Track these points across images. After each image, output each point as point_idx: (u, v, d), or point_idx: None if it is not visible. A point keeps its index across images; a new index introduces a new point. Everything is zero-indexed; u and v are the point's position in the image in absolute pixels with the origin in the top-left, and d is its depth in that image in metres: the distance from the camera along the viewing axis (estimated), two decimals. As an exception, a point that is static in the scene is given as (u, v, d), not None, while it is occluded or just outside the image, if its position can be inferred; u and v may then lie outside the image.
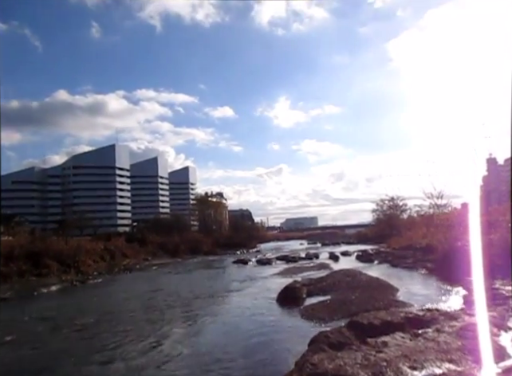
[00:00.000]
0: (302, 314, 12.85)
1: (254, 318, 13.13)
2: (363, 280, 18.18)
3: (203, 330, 12.35)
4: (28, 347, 11.33)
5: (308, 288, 16.85)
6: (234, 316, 13.84)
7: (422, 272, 21.95)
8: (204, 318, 14.07)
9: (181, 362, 9.03)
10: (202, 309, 15.69)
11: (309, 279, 20.05)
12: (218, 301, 17.38)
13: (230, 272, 31.04)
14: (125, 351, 10.22)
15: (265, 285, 20.88)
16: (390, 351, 6.93)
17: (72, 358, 9.96)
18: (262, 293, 18.05)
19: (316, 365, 6.59)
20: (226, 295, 18.74)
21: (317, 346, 8.21)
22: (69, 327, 13.62)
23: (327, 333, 8.80)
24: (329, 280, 18.68)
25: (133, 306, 17.48)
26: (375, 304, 12.81)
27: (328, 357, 6.99)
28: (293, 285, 16.83)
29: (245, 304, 15.88)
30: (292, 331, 11.01)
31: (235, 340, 10.58)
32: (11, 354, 10.74)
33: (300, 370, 6.71)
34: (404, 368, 6.10)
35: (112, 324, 13.96)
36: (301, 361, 7.27)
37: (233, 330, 11.79)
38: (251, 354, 9.24)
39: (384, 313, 10.03)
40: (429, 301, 13.36)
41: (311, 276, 21.98)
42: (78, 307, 18.22)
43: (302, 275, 23.11)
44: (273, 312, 13.87)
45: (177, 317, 14.48)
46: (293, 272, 25.58)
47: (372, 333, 8.37)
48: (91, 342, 11.50)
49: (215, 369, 8.36)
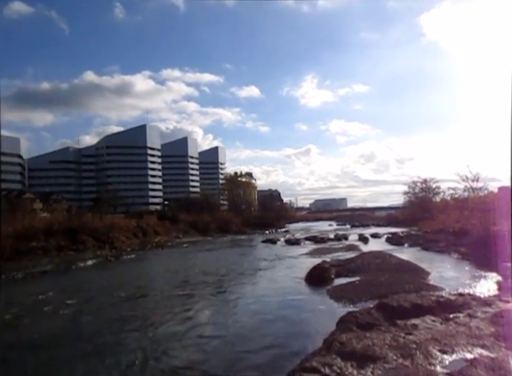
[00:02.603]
0: (330, 294, 12.91)
1: (282, 296, 13.32)
2: (392, 262, 17.96)
3: (232, 306, 12.68)
4: (66, 317, 12.04)
5: (336, 269, 16.85)
6: (263, 294, 14.09)
7: (454, 257, 21.41)
8: (233, 295, 14.42)
9: (210, 338, 9.34)
10: (231, 286, 16.06)
11: (337, 260, 20.04)
12: (247, 279, 17.69)
13: (259, 251, 31.41)
14: (157, 324, 10.68)
15: (293, 265, 21.03)
16: (420, 334, 6.89)
17: (108, 328, 10.52)
18: (291, 272, 18.22)
19: (344, 344, 6.65)
20: (254, 274, 19.04)
21: (346, 325, 8.26)
22: (105, 300, 14.32)
23: (355, 313, 8.83)
24: (358, 261, 18.58)
25: (165, 281, 18.09)
26: (405, 287, 12.66)
27: (357, 336, 7.03)
28: (322, 265, 16.86)
29: (273, 283, 16.12)
30: (320, 311, 11.10)
31: (264, 317, 10.80)
32: (50, 323, 11.45)
33: (328, 348, 6.79)
34: (434, 351, 6.06)
35: (145, 298, 14.58)
36: (330, 339, 7.36)
37: (261, 308, 12.02)
38: (279, 331, 9.42)
39: (415, 296, 9.93)
40: (461, 286, 13.07)
41: (340, 257, 21.95)
42: (113, 281, 19.05)
43: (331, 256, 23.09)
44: (302, 291, 14.01)
45: (207, 293, 14.88)
46: (321, 252, 25.59)
47: (402, 315, 8.33)
48: (125, 313, 12.06)
49: (243, 345, 8.59)
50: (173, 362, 7.81)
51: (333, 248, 28.67)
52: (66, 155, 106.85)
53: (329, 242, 34.37)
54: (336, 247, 29.14)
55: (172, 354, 8.28)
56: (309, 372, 5.83)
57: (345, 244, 31.74)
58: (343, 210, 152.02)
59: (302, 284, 15.20)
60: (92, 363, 8.03)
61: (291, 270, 19.08)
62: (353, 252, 23.82)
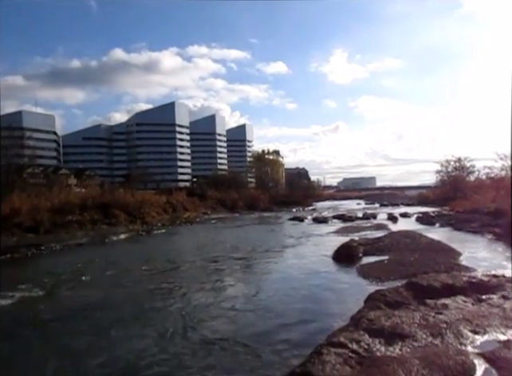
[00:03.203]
0: (358, 272, 12.87)
1: (309, 273, 13.41)
2: (422, 242, 17.63)
3: (261, 281, 12.90)
4: (102, 287, 12.62)
5: (364, 248, 16.72)
6: (291, 270, 14.24)
7: (488, 237, 20.76)
8: (261, 270, 14.67)
9: (240, 311, 9.56)
10: (259, 262, 16.30)
11: (365, 238, 19.86)
12: (274, 255, 17.87)
13: (286, 228, 31.56)
14: (188, 295, 11.05)
15: (320, 242, 21.04)
16: (450, 314, 6.80)
17: (142, 298, 10.99)
18: (318, 250, 18.25)
19: (372, 321, 6.66)
20: (282, 250, 19.21)
21: (373, 303, 8.24)
22: (139, 272, 14.90)
23: (384, 292, 8.78)
24: (387, 240, 18.35)
25: (195, 255, 18.56)
26: (435, 267, 12.43)
27: (385, 314, 7.01)
28: (350, 244, 16.78)
29: (300, 260, 16.21)
30: (347, 288, 11.12)
31: (291, 293, 10.94)
32: (88, 292, 12.05)
33: (355, 324, 6.82)
34: (465, 331, 5.97)
35: (177, 270, 15.05)
36: (357, 316, 7.38)
37: (289, 283, 12.17)
38: (307, 307, 9.53)
39: (445, 276, 9.73)
40: (495, 267, 12.68)
41: (368, 235, 21.74)
42: (145, 254, 19.73)
43: (359, 234, 22.91)
44: (329, 269, 14.04)
45: (236, 268, 15.18)
46: (349, 231, 25.43)
47: (432, 295, 8.21)
48: (158, 284, 12.52)
49: (272, 318, 8.76)
50: (206, 331, 8.09)
51: (361, 226, 28.40)
52: (98, 132, 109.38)
53: (357, 221, 34.05)
54: (365, 226, 28.84)
55: (205, 324, 8.58)
56: (336, 347, 5.87)
57: (374, 223, 31.36)
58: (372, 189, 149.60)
59: (330, 262, 15.22)
60: (128, 330, 8.45)
61: (318, 248, 19.10)
62: (382, 231, 23.52)
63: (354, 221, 33.47)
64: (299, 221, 36.43)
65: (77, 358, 7.16)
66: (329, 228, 28.70)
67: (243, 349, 7.07)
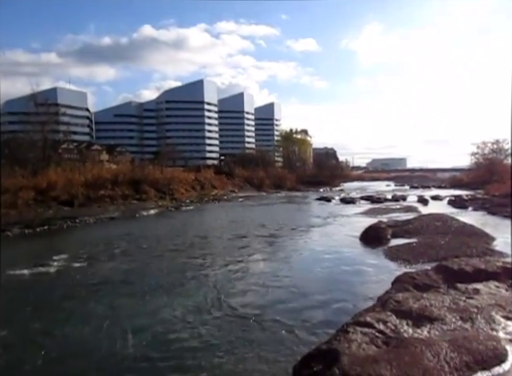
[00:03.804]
0: (386, 254, 12.74)
1: (336, 253, 13.39)
2: (454, 225, 17.15)
3: (287, 259, 13.00)
4: (134, 259, 13.12)
5: (393, 230, 16.46)
6: (317, 249, 14.26)
7: (525, 223, 19.97)
8: (288, 248, 14.76)
9: (267, 287, 9.70)
10: (286, 240, 16.41)
11: (394, 220, 19.53)
12: (301, 234, 17.91)
13: (313, 208, 31.45)
14: (217, 270, 11.29)
15: (348, 223, 20.89)
16: (482, 299, 6.64)
17: (172, 270, 11.35)
18: (345, 231, 18.13)
19: (400, 302, 6.61)
20: (308, 230, 19.21)
21: (401, 285, 8.17)
22: (167, 245, 15.34)
23: (412, 274, 8.67)
24: (417, 223, 17.97)
25: (222, 232, 18.86)
26: (466, 251, 12.13)
27: (413, 297, 6.94)
28: (378, 225, 16.56)
29: (327, 240, 16.19)
30: (374, 269, 11.04)
31: (317, 271, 11.00)
32: (121, 263, 12.56)
33: (383, 305, 6.79)
34: (497, 317, 5.83)
35: (205, 246, 15.40)
36: (384, 297, 7.34)
37: (315, 262, 12.23)
38: (333, 285, 9.57)
39: (477, 260, 9.48)
40: (531, 253, 12.26)
41: (397, 217, 21.36)
42: (174, 229, 20.23)
43: (387, 216, 22.55)
44: (356, 250, 13.97)
45: (263, 245, 15.35)
46: (377, 212, 25.06)
47: (462, 279, 8.03)
48: (187, 258, 12.89)
49: (299, 295, 8.87)
50: (236, 305, 8.30)
51: (390, 208, 27.91)
52: (129, 109, 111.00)
53: (386, 202, 33.45)
54: (393, 208, 28.31)
55: (234, 298, 8.81)
56: (362, 326, 5.88)
57: (403, 205, 30.72)
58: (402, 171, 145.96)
59: (357, 243, 15.11)
60: (163, 299, 8.80)
61: (345, 228, 18.97)
62: (411, 214, 23.05)
63: (383, 203, 32.89)
64: (326, 201, 36.17)
65: (119, 320, 7.62)
66: (357, 209, 28.37)
67: (271, 324, 7.23)
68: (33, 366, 5.89)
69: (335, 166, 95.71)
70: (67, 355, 6.38)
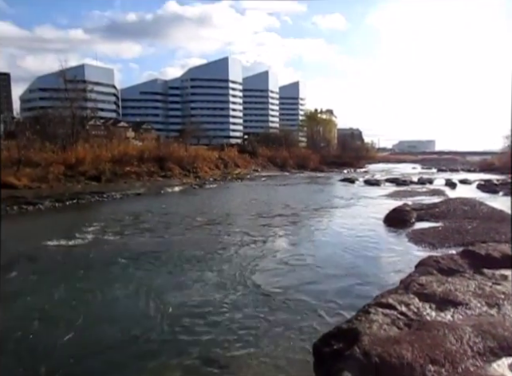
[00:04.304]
0: (410, 237, 12.57)
1: (358, 234, 13.32)
2: (483, 210, 16.68)
3: (309, 239, 13.04)
4: (159, 234, 13.46)
5: (418, 213, 16.17)
6: (340, 230, 14.23)
7: (559, 210, 19.20)
8: (310, 228, 14.78)
9: (289, 266, 9.80)
10: (308, 220, 16.42)
11: (420, 203, 19.16)
12: (323, 215, 17.87)
13: (336, 189, 31.19)
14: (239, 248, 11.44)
15: (371, 205, 20.65)
16: (510, 285, 6.50)
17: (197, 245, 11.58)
18: (368, 212, 17.96)
19: (423, 285, 6.55)
20: (331, 211, 19.12)
21: (425, 269, 8.07)
22: (192, 222, 15.63)
23: (437, 258, 8.54)
24: (443, 206, 17.57)
25: (244, 210, 19.02)
26: (494, 237, 11.80)
27: (438, 280, 6.86)
28: (403, 208, 16.30)
29: (350, 221, 16.09)
30: (397, 252, 10.94)
31: (339, 253, 10.99)
32: (146, 238, 12.91)
33: (405, 287, 6.75)
34: (525, 304, 5.71)
35: (229, 223, 15.61)
36: (407, 280, 7.28)
37: (338, 243, 12.21)
38: (355, 267, 9.56)
39: (506, 246, 9.24)
40: None
41: (422, 201, 20.94)
42: (198, 206, 20.53)
43: (413, 199, 22.12)
44: (379, 231, 13.85)
45: (285, 224, 15.40)
46: (402, 195, 24.62)
47: (490, 265, 7.86)
48: (211, 234, 13.13)
49: (320, 276, 8.91)
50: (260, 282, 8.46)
51: (416, 191, 27.35)
52: (154, 87, 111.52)
53: (412, 185, 32.76)
54: (419, 191, 27.73)
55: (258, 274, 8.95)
56: (384, 307, 5.88)
57: (429, 188, 30.02)
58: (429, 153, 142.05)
59: (380, 225, 14.97)
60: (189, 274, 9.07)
61: (369, 210, 18.78)
62: (438, 197, 22.53)
63: (408, 186, 32.24)
64: (350, 183, 35.76)
65: (147, 290, 7.99)
66: (381, 191, 27.95)
67: (293, 302, 7.34)
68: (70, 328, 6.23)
69: (360, 147, 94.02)
70: (100, 320, 6.75)
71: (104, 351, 5.71)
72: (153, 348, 5.76)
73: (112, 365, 5.36)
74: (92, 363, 5.40)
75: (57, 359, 5.45)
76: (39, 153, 26.55)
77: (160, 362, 5.40)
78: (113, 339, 6.06)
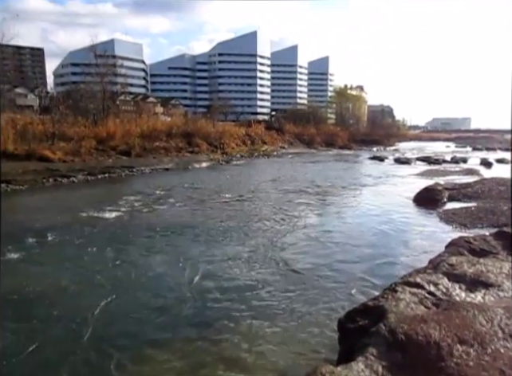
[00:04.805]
0: (441, 217, 12.27)
1: (387, 213, 13.11)
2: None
3: (336, 216, 12.94)
4: (187, 208, 13.74)
5: (450, 192, 15.70)
6: (367, 208, 14.05)
7: None
8: (337, 206, 14.65)
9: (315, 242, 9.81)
10: (335, 198, 16.27)
11: (452, 183, 18.56)
12: (351, 193, 17.64)
13: (365, 167, 30.61)
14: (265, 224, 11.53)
15: (401, 184, 20.20)
16: (546, 268, 6.27)
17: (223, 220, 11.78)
18: (398, 191, 17.59)
19: (453, 266, 6.41)
20: (359, 189, 18.85)
21: (456, 249, 7.88)
22: (218, 197, 15.83)
23: (469, 238, 8.31)
24: (477, 186, 16.95)
25: (272, 187, 19.04)
26: (532, 219, 11.35)
27: (469, 261, 6.69)
28: (434, 187, 15.85)
29: (379, 199, 15.83)
30: (427, 231, 10.73)
31: (367, 231, 10.88)
32: (174, 211, 13.23)
33: (434, 267, 6.63)
34: None
35: (254, 200, 15.68)
36: (437, 260, 7.15)
37: (365, 220, 12.10)
38: (383, 244, 9.47)
39: (544, 229, 8.87)
40: None
41: (455, 180, 20.27)
42: (225, 182, 20.69)
43: (445, 178, 21.46)
44: (408, 211, 13.56)
45: (312, 202, 15.33)
46: (434, 174, 23.91)
47: (525, 247, 7.61)
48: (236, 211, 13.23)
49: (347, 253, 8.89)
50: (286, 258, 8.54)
51: (448, 170, 26.48)
52: (182, 62, 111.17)
53: (444, 164, 31.71)
54: (452, 170, 26.83)
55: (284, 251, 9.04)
56: (411, 286, 5.81)
57: (463, 167, 28.97)
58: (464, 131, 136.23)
59: (410, 204, 14.65)
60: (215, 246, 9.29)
61: (398, 189, 18.39)
62: (472, 177, 21.74)
63: (440, 165, 31.24)
64: (379, 161, 34.99)
65: (178, 259, 8.34)
66: (412, 170, 27.23)
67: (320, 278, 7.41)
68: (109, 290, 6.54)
69: (390, 124, 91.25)
70: (137, 284, 7.14)
71: (140, 312, 6.05)
72: (184, 316, 6.00)
73: (147, 326, 5.67)
74: (128, 324, 5.77)
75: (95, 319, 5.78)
76: (72, 127, 27.25)
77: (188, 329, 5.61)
78: (148, 304, 6.37)
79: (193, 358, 4.93)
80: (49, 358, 4.94)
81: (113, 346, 5.18)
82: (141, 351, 5.08)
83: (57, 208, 13.80)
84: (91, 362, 4.89)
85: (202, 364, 4.82)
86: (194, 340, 5.33)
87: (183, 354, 5.01)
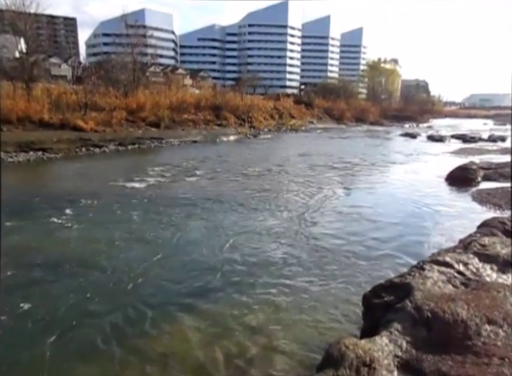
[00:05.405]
0: (474, 196, 11.88)
1: (417, 191, 12.80)
2: (562, 172, 15.21)
3: (365, 193, 12.76)
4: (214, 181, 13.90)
5: (485, 172, 15.11)
6: (397, 186, 13.76)
7: None
8: (366, 183, 14.40)
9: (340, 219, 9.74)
10: (364, 175, 15.98)
11: (488, 162, 17.83)
12: (380, 170, 17.28)
13: (396, 144, 29.79)
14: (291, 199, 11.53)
15: (433, 162, 19.60)
16: None
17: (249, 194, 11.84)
18: (429, 169, 17.10)
19: (485, 246, 6.25)
20: (389, 166, 18.42)
21: (489, 229, 7.65)
22: (245, 171, 15.88)
23: (503, 219, 8.04)
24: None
25: (299, 162, 18.88)
26: None
27: (502, 242, 6.50)
28: (468, 166, 15.28)
29: (408, 178, 15.45)
30: (458, 211, 10.44)
31: (396, 208, 10.69)
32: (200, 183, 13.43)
33: (465, 247, 6.48)
34: None
35: (282, 174, 15.66)
36: (468, 240, 6.98)
37: (395, 199, 11.86)
38: (411, 224, 9.27)
39: None
40: None
41: (492, 159, 19.46)
42: (252, 155, 20.68)
43: (480, 157, 20.64)
44: (440, 190, 13.19)
45: (340, 178, 15.14)
46: (469, 152, 23.03)
47: None
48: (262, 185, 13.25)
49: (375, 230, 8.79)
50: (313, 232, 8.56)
51: (485, 149, 25.42)
52: (212, 33, 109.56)
53: (481, 143, 30.42)
54: (489, 148, 25.73)
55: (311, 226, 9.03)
56: (440, 265, 5.73)
57: (501, 146, 27.71)
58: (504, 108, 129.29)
59: (442, 183, 14.23)
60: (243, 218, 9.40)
61: (430, 167, 17.87)
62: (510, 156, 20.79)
63: (477, 143, 30.01)
64: (411, 138, 33.97)
65: (207, 229, 8.58)
66: (445, 147, 26.30)
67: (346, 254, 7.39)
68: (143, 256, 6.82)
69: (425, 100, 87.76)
70: (170, 250, 7.42)
71: (174, 275, 6.31)
72: (214, 282, 6.21)
73: (180, 288, 5.94)
74: (163, 285, 6.08)
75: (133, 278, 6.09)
76: (103, 98, 27.67)
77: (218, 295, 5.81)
78: (183, 268, 6.67)
79: (220, 324, 5.10)
80: (94, 311, 5.33)
81: (148, 304, 5.51)
82: (172, 312, 5.33)
83: (92, 177, 14.31)
84: (129, 316, 5.22)
85: (228, 330, 4.98)
86: (222, 306, 5.50)
87: (212, 319, 5.20)
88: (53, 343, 4.63)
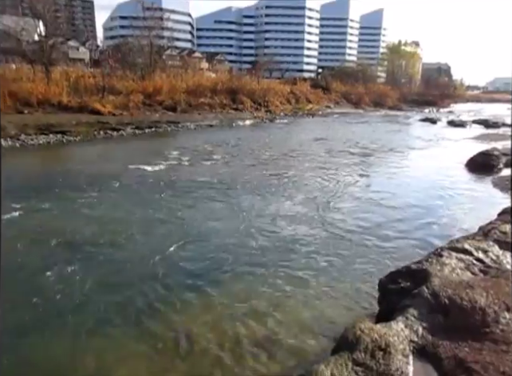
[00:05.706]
0: (495, 183, 11.63)
1: (436, 178, 12.58)
2: None
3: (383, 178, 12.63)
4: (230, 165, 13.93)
5: (507, 158, 14.72)
6: (415, 172, 13.55)
7: None
8: (383, 168, 14.22)
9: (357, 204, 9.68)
10: (381, 160, 15.76)
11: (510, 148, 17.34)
12: (399, 155, 16.99)
13: (415, 129, 29.18)
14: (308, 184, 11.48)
15: (453, 148, 19.19)
16: None
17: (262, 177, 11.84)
18: (449, 155, 16.75)
19: (506, 233, 6.13)
20: (407, 152, 18.10)
21: (509, 217, 7.50)
22: (261, 155, 15.85)
23: (526, 207, 7.86)
24: (540, 153, 15.75)
25: (315, 147, 18.71)
26: None
27: (524, 230, 6.37)
28: (490, 152, 14.89)
29: (427, 163, 15.19)
30: (478, 198, 10.25)
31: (415, 195, 10.54)
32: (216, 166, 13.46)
33: (485, 234, 6.37)
34: None
35: (299, 159, 15.57)
36: (488, 227, 6.85)
37: (413, 184, 11.71)
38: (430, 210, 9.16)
39: None
40: None
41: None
42: (268, 140, 20.59)
43: (503, 143, 20.03)
44: (460, 176, 12.94)
45: (357, 163, 14.96)
46: (491, 138, 22.41)
47: None
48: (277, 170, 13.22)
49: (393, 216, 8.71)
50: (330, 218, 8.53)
51: (508, 135, 24.67)
52: (229, 15, 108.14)
53: (504, 128, 29.50)
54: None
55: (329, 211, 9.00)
56: (458, 252, 5.66)
57: (525, 132, 26.88)
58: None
59: (462, 169, 13.95)
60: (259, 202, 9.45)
61: (450, 153, 17.51)
62: (534, 143, 20.18)
63: (499, 128, 29.13)
64: (431, 123, 33.19)
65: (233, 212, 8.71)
66: (466, 133, 25.65)
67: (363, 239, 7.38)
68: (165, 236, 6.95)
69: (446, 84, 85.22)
70: (190, 230, 7.61)
71: (197, 255, 6.50)
72: (235, 262, 6.34)
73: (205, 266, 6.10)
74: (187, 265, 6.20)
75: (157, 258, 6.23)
76: (120, 81, 27.78)
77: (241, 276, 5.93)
78: (205, 247, 6.83)
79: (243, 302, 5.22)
80: (111, 287, 5.54)
81: (176, 284, 5.68)
82: (199, 291, 5.48)
83: (111, 159, 14.54)
84: (160, 296, 5.37)
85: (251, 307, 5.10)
86: (245, 285, 5.64)
87: (238, 298, 5.34)
88: (71, 316, 4.85)
